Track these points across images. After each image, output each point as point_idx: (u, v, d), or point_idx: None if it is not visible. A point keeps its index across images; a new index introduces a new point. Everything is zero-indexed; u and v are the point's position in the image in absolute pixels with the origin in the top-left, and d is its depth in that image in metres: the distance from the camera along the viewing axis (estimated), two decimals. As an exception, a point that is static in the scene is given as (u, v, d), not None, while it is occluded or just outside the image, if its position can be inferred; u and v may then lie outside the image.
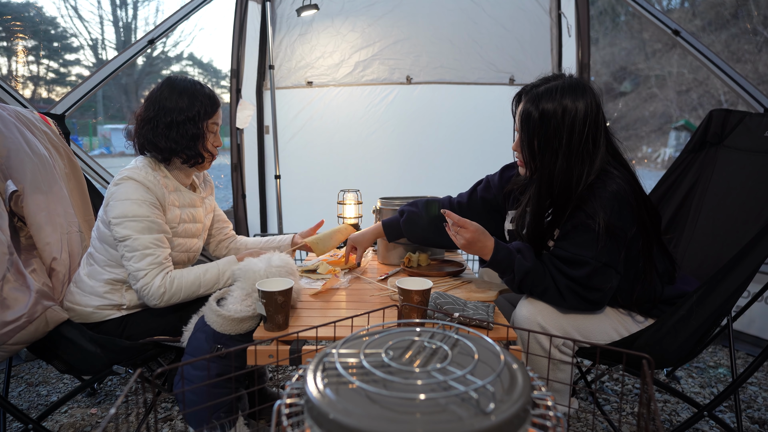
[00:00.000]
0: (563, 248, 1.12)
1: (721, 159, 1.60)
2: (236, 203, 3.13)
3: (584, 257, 1.08)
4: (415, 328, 0.63)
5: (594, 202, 1.08)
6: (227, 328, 1.16)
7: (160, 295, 1.25)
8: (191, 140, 1.33)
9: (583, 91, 1.12)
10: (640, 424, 0.60)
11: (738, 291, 1.13)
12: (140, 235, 1.24)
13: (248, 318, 1.17)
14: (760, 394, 1.84)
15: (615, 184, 1.09)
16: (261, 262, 1.22)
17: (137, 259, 1.24)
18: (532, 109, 1.13)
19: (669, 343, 1.12)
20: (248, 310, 1.17)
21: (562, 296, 1.11)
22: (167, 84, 1.34)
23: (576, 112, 1.10)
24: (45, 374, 2.02)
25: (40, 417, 1.32)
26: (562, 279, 1.10)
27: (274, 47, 3.04)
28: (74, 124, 14.45)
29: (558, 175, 1.12)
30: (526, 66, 3.08)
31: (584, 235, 1.08)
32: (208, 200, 1.56)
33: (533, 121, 1.13)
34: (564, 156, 1.12)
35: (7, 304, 1.14)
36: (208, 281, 1.33)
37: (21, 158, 1.40)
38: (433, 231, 1.49)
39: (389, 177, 3.14)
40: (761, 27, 8.90)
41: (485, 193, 1.49)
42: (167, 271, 1.28)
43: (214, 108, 1.37)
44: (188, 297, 1.31)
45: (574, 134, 1.10)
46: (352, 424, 0.42)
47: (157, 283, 1.25)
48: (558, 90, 1.11)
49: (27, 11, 12.00)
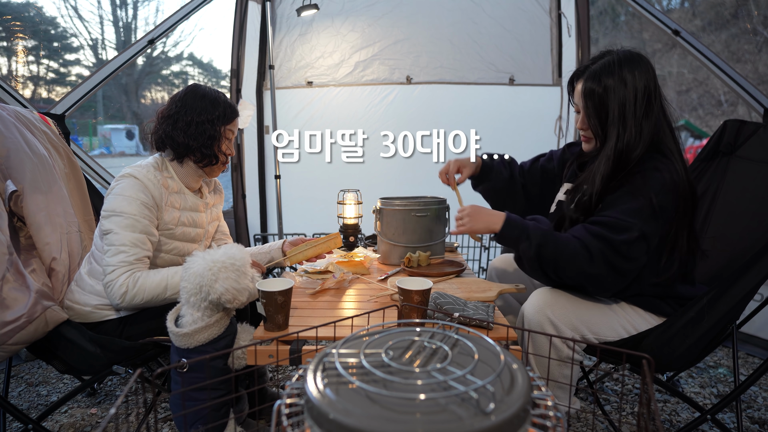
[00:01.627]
0: (607, 215, 1.11)
1: (732, 169, 1.60)
2: (236, 203, 3.13)
3: (629, 222, 1.07)
4: (415, 328, 0.63)
5: (648, 178, 1.10)
6: (183, 342, 1.06)
7: (121, 295, 1.21)
8: (208, 140, 1.37)
9: (639, 60, 1.15)
10: (640, 424, 0.60)
11: (747, 297, 1.14)
12: (121, 231, 1.24)
13: (202, 329, 1.05)
14: (760, 394, 1.84)
15: (675, 173, 1.10)
16: (200, 260, 1.07)
17: (111, 253, 1.24)
18: (594, 86, 1.16)
19: (677, 345, 1.12)
20: (200, 321, 1.06)
21: (592, 259, 1.07)
22: (191, 88, 1.40)
23: (635, 80, 1.13)
24: (45, 374, 2.02)
25: (40, 417, 1.32)
26: (596, 243, 1.08)
27: (274, 47, 3.04)
28: (74, 124, 14.45)
29: (627, 145, 1.14)
30: (526, 66, 3.08)
31: (631, 202, 1.09)
32: (215, 208, 1.57)
33: (597, 96, 1.16)
34: (630, 126, 1.14)
35: (6, 304, 1.14)
36: (176, 284, 1.25)
37: (21, 158, 1.40)
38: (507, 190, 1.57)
39: (389, 177, 3.14)
40: (761, 27, 8.90)
41: (547, 164, 1.54)
42: (133, 271, 1.24)
43: (233, 115, 1.43)
44: (154, 298, 1.25)
45: (636, 103, 1.13)
46: (352, 424, 0.42)
47: (120, 281, 1.22)
48: (615, 63, 1.14)
49: (27, 11, 12.00)
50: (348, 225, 1.93)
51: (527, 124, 3.09)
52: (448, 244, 1.95)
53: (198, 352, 1.06)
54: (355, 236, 1.93)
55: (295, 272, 1.62)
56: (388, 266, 1.68)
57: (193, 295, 1.05)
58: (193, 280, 1.04)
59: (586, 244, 1.08)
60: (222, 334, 1.09)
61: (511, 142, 3.14)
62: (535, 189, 1.47)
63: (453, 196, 1.58)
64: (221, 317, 1.09)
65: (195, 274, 1.05)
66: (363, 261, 1.60)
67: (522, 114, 3.10)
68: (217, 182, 1.62)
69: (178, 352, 1.08)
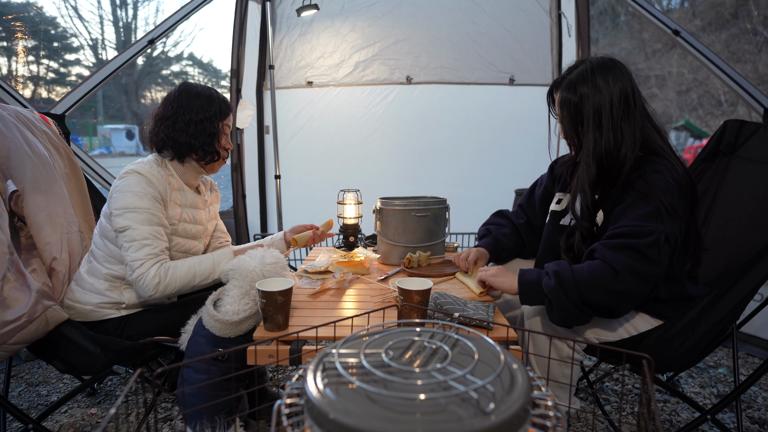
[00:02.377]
0: (622, 225, 1.07)
1: (733, 169, 1.60)
2: (236, 203, 3.13)
3: (648, 227, 1.04)
4: (415, 328, 0.63)
5: (650, 182, 1.09)
6: (226, 331, 1.15)
7: (155, 286, 1.25)
8: (209, 137, 1.39)
9: (613, 66, 1.17)
10: (640, 424, 0.60)
11: (747, 297, 1.14)
12: (139, 226, 1.26)
13: (246, 318, 1.16)
14: (760, 394, 1.84)
15: (674, 172, 1.10)
16: (253, 260, 1.22)
17: (135, 249, 1.25)
18: (570, 95, 1.18)
19: (677, 345, 1.12)
20: (246, 310, 1.16)
21: (617, 275, 1.02)
22: (184, 87, 1.41)
23: (609, 87, 1.14)
24: (45, 374, 2.02)
25: (40, 417, 1.32)
26: (619, 257, 1.02)
27: (274, 47, 3.04)
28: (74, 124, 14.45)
29: (606, 150, 1.15)
30: (526, 66, 3.08)
31: (644, 208, 1.07)
32: (213, 207, 1.59)
33: (573, 105, 1.18)
34: (607, 131, 1.14)
35: (7, 304, 1.14)
36: (203, 271, 1.34)
37: (21, 158, 1.40)
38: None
39: (389, 177, 3.14)
40: (761, 27, 8.91)
41: (539, 190, 1.54)
42: (162, 262, 1.28)
43: (228, 110, 1.46)
44: (183, 287, 1.31)
45: (613, 108, 1.14)
46: (352, 424, 0.42)
47: (152, 272, 1.25)
48: (589, 71, 1.17)
49: (27, 11, 12.01)
50: (348, 225, 1.93)
51: (527, 124, 3.09)
52: (448, 244, 1.94)
53: (235, 343, 1.16)
54: (355, 236, 1.93)
55: (295, 272, 1.62)
56: (388, 266, 1.68)
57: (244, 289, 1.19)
58: (248, 275, 1.20)
59: (607, 261, 1.03)
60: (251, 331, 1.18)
61: (511, 142, 3.14)
62: (539, 217, 1.49)
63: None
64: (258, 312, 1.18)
65: (249, 271, 1.20)
66: (363, 261, 1.60)
67: (522, 114, 3.10)
68: (213, 182, 1.63)
69: (213, 342, 1.15)
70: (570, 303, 1.04)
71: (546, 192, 1.51)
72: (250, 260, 1.23)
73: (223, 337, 1.15)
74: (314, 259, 1.71)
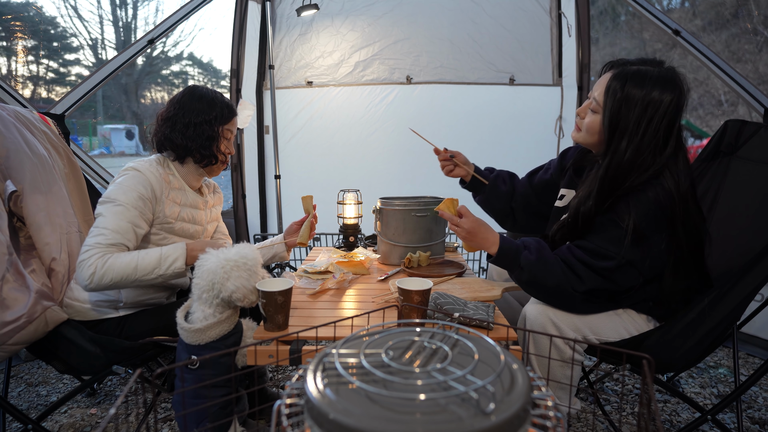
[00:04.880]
0: (590, 240, 1.11)
1: (733, 169, 1.60)
2: (236, 203, 3.13)
3: (610, 252, 1.06)
4: (415, 329, 0.63)
5: (631, 202, 1.06)
6: (193, 338, 1.07)
7: (89, 275, 1.17)
8: (206, 141, 1.39)
9: (673, 86, 1.07)
10: (641, 425, 0.60)
11: (748, 297, 1.14)
12: (109, 216, 1.24)
13: (214, 325, 1.07)
14: (760, 394, 1.84)
15: (660, 190, 1.06)
16: (213, 258, 1.07)
17: (92, 235, 1.23)
18: (618, 87, 1.09)
19: (678, 345, 1.12)
20: (212, 318, 1.07)
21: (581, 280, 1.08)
22: (190, 89, 1.42)
23: (660, 105, 1.06)
24: (45, 374, 2.02)
25: (40, 417, 1.32)
26: (581, 267, 1.08)
27: (274, 47, 3.04)
28: (74, 124, 14.46)
29: (624, 163, 1.09)
30: (526, 66, 3.08)
31: (613, 231, 1.07)
32: (215, 209, 1.59)
33: (616, 101, 1.09)
34: (635, 146, 1.08)
35: (6, 305, 1.14)
36: (147, 265, 1.22)
37: (20, 158, 1.40)
38: None
39: (389, 177, 3.14)
40: (761, 27, 8.91)
41: (544, 175, 1.53)
42: (107, 254, 1.20)
43: (230, 115, 1.45)
44: (123, 279, 1.20)
45: (651, 127, 1.07)
46: (352, 424, 0.42)
47: (91, 262, 1.18)
48: (648, 77, 1.07)
49: (27, 11, 12.00)
50: (348, 225, 1.93)
51: (527, 124, 3.09)
52: (448, 244, 1.94)
53: (208, 349, 1.07)
54: (355, 236, 1.93)
55: (295, 272, 1.62)
56: (388, 266, 1.68)
57: (206, 291, 1.06)
58: (206, 276, 1.05)
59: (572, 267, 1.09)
60: (231, 332, 1.11)
61: (511, 142, 3.13)
62: (533, 200, 1.49)
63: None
64: (231, 314, 1.10)
65: (208, 271, 1.06)
66: (363, 261, 1.60)
67: (522, 114, 3.09)
68: (216, 185, 1.63)
69: (187, 350, 1.09)
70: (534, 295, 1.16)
71: (547, 178, 1.51)
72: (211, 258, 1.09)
73: (192, 344, 1.08)
74: (314, 259, 1.71)
